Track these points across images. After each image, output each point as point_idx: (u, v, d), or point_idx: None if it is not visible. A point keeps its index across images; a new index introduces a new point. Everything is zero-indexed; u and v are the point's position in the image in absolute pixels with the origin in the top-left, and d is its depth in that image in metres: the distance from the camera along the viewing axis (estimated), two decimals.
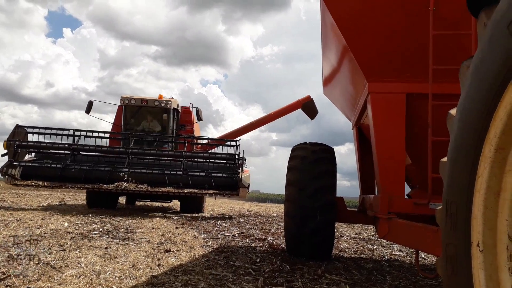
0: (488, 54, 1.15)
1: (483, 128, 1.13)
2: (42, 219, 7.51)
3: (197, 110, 13.83)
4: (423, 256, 5.94)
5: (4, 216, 7.68)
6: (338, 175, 5.21)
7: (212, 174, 11.09)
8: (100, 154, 11.60)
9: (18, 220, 6.99)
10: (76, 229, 6.40)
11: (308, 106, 16.08)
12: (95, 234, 6.00)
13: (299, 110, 16.03)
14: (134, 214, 10.74)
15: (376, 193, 4.33)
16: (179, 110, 14.11)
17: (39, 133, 11.17)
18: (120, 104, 13.27)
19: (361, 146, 5.64)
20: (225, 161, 11.79)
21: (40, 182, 10.22)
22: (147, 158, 11.49)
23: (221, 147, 12.83)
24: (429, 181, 3.31)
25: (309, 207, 4.68)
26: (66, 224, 6.95)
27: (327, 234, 4.78)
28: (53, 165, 10.65)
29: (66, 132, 11.30)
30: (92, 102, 12.83)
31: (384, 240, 7.30)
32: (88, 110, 12.81)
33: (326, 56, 5.25)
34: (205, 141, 13.51)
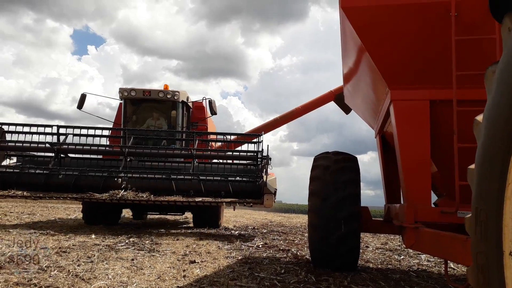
0: None
1: (511, 134, 1.11)
2: (70, 231, 7.69)
3: (210, 102, 11.21)
4: (452, 266, 5.77)
5: (35, 228, 7.89)
6: (362, 184, 5.15)
7: (229, 179, 8.87)
8: (94, 156, 9.46)
9: (47, 233, 7.17)
10: (103, 241, 6.51)
11: (342, 99, 12.77)
12: (122, 246, 6.09)
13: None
14: (159, 226, 10.85)
15: (402, 202, 4.25)
16: (190, 105, 11.74)
17: (17, 132, 8.99)
18: (119, 98, 11.03)
19: (385, 154, 5.57)
20: (245, 162, 9.61)
21: (19, 192, 8.06)
22: (150, 161, 9.39)
23: (241, 145, 10.72)
24: (456, 189, 3.24)
25: (333, 217, 4.63)
26: (93, 236, 7.08)
27: (352, 244, 4.71)
28: (37, 171, 8.55)
29: (48, 130, 9.13)
30: (85, 95, 10.64)
31: (411, 250, 7.14)
32: (80, 105, 10.54)
33: (347, 64, 5.24)
34: (220, 137, 10.83)
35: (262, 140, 9.26)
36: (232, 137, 10.89)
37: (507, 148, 1.13)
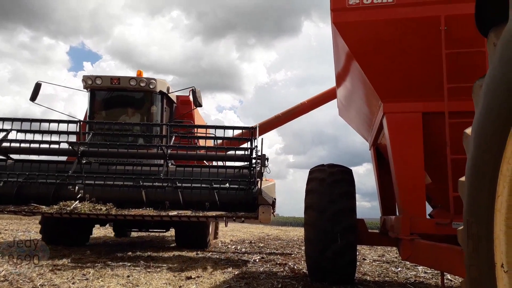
0: (499, 73, 1.16)
1: (499, 146, 1.13)
2: (65, 248, 7.60)
3: (193, 92, 8.53)
4: (449, 277, 5.76)
5: (30, 246, 7.78)
6: (357, 196, 5.16)
7: (216, 186, 6.69)
8: (45, 158, 7.45)
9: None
10: (99, 257, 6.44)
11: None
12: (117, 262, 6.03)
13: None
14: (154, 241, 10.75)
15: (397, 213, 4.26)
16: (173, 99, 9.49)
17: None
18: (83, 89, 8.79)
19: (379, 166, 5.59)
20: (235, 165, 7.48)
21: None
22: (114, 163, 7.31)
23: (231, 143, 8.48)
24: (450, 200, 3.26)
25: (329, 230, 4.62)
26: (88, 252, 7.01)
27: (349, 257, 4.69)
28: None
29: None
30: (40, 84, 8.35)
31: (408, 262, 7.12)
32: (34, 96, 8.25)
33: (340, 78, 5.29)
34: (205, 134, 8.57)
35: (255, 138, 7.08)
36: (221, 134, 8.33)
37: (496, 161, 1.15)
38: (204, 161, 8.27)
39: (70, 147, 7.18)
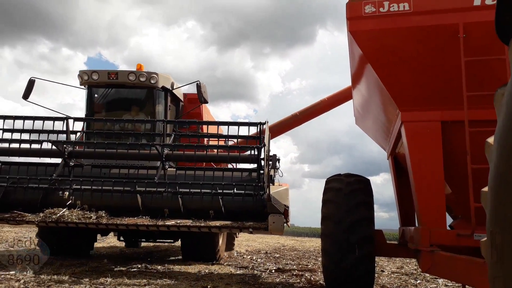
0: None
1: None
2: (83, 256, 7.68)
3: (198, 86, 7.71)
4: None
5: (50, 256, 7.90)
6: (375, 206, 5.08)
7: (221, 191, 5.89)
8: (34, 161, 6.64)
9: (59, 258, 7.17)
10: (116, 265, 6.49)
11: None
12: (134, 270, 6.06)
13: None
14: (171, 250, 10.78)
15: (417, 224, 4.18)
16: (179, 96, 8.60)
17: None
18: (80, 86, 8.02)
19: (398, 176, 5.52)
20: (247, 168, 6.64)
21: None
22: (108, 166, 6.49)
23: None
24: (471, 210, 3.19)
25: (346, 241, 4.56)
26: (105, 260, 7.07)
27: (367, 269, 4.61)
28: None
29: None
30: (34, 81, 7.59)
31: (428, 274, 6.96)
32: (27, 94, 7.53)
33: (356, 87, 5.27)
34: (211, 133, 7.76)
35: (262, 137, 6.15)
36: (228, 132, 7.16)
37: None
38: (213, 164, 7.42)
39: (53, 147, 6.26)
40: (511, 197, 1.16)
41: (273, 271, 7.19)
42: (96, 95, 8.02)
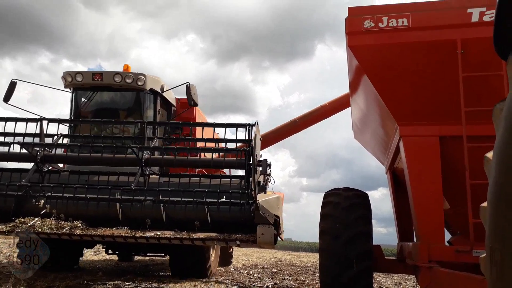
0: None
1: None
2: (79, 269, 7.59)
3: (187, 88, 7.20)
4: None
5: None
6: (373, 221, 5.05)
7: (204, 200, 5.26)
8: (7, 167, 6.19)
9: (53, 270, 7.08)
10: (110, 279, 6.41)
11: None
12: (129, 285, 5.98)
13: None
14: (166, 263, 10.66)
15: (415, 240, 4.15)
16: (171, 100, 8.05)
17: None
18: (64, 88, 7.51)
19: (396, 191, 5.50)
20: (235, 175, 5.97)
21: None
22: (86, 172, 5.88)
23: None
24: (470, 226, 3.17)
25: (344, 256, 4.52)
26: (100, 273, 6.98)
27: (364, 284, 4.55)
28: None
29: None
30: (15, 83, 7.17)
31: None
32: (8, 97, 7.06)
33: (355, 101, 5.28)
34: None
35: (251, 140, 5.37)
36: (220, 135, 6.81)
37: None
38: (204, 170, 7.01)
39: (23, 150, 5.71)
40: (510, 213, 1.14)
41: (270, 286, 7.11)
42: (82, 99, 7.47)
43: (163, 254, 8.14)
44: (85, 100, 7.42)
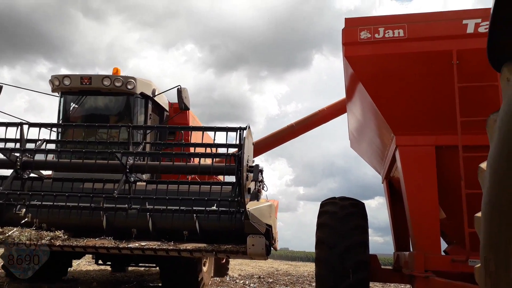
0: None
1: None
2: (54, 282, 7.45)
3: (178, 91, 6.98)
4: None
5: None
6: (370, 230, 5.04)
7: (192, 208, 4.98)
8: None
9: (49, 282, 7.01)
10: None
11: None
12: None
13: None
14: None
15: (411, 249, 4.15)
16: (163, 106, 7.78)
17: None
18: (52, 92, 7.27)
19: (392, 200, 5.50)
20: (227, 182, 5.88)
21: None
22: (70, 180, 5.55)
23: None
24: (466, 236, 3.17)
25: (340, 266, 4.49)
26: (95, 284, 6.92)
27: None
28: None
29: None
30: (1, 87, 6.80)
31: None
32: None
33: (351, 111, 5.31)
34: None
35: (244, 140, 4.95)
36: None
37: None
38: (197, 177, 6.65)
39: (2, 155, 5.37)
40: (504, 224, 1.15)
41: None
42: (71, 103, 7.16)
43: (154, 265, 7.61)
44: (74, 105, 7.14)
